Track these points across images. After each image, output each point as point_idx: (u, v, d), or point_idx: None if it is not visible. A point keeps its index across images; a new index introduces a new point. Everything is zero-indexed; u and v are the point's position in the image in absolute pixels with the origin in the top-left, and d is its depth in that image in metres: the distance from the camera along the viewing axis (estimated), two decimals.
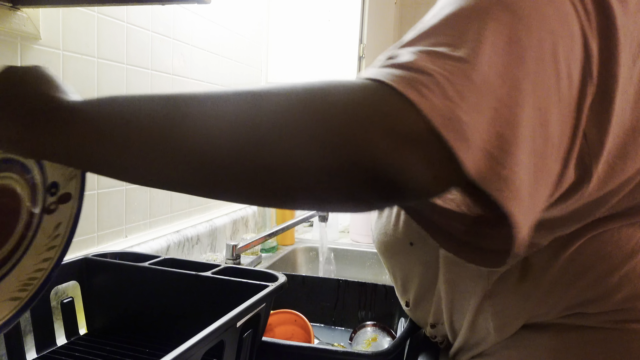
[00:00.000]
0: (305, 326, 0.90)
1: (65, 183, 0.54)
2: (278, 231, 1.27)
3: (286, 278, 0.72)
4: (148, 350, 0.73)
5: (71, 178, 0.54)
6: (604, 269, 0.51)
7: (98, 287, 0.78)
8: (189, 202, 1.28)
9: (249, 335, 0.64)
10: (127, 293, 0.77)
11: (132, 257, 0.82)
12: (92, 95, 0.41)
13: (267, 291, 0.66)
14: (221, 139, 0.35)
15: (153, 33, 1.09)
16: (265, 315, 0.68)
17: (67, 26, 0.86)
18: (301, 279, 1.13)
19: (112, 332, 0.78)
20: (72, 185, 0.55)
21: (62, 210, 0.55)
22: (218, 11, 1.37)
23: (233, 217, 1.45)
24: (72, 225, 0.57)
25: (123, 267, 0.78)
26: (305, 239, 1.68)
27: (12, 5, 0.75)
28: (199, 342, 0.50)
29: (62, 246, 0.56)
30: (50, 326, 0.73)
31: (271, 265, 1.38)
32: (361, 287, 1.10)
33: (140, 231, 1.10)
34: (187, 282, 0.73)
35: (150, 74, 1.09)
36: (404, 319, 1.00)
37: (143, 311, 0.77)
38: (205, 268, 0.75)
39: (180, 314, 0.73)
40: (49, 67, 0.45)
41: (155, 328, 0.75)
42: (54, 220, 0.55)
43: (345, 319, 1.11)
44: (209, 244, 1.30)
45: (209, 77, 1.34)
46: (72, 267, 0.76)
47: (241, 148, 0.34)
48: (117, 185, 1.01)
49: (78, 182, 0.55)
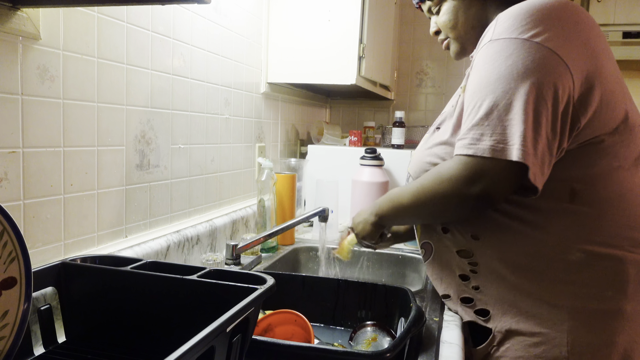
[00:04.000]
0: (305, 326, 0.90)
1: (4, 266, 0.50)
2: (278, 231, 1.27)
3: (274, 280, 0.70)
4: (131, 358, 0.71)
5: (12, 260, 0.51)
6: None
7: (77, 293, 0.75)
8: (189, 202, 1.28)
9: (238, 340, 0.63)
10: (108, 299, 0.74)
11: (113, 261, 0.79)
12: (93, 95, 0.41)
13: (256, 294, 0.64)
14: (419, 209, 0.94)
15: (153, 33, 1.09)
16: (253, 319, 0.66)
17: (67, 26, 0.86)
18: (301, 279, 1.13)
19: (92, 339, 0.75)
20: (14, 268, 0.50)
21: (7, 296, 0.51)
22: (218, 11, 1.37)
23: (233, 217, 1.45)
24: (23, 313, 0.51)
25: (103, 271, 0.75)
26: (305, 239, 1.68)
27: (12, 5, 0.75)
28: (191, 349, 0.49)
29: (12, 338, 0.51)
30: (28, 335, 0.70)
31: (271, 265, 1.38)
32: (361, 287, 1.10)
33: (140, 231, 1.10)
34: (171, 286, 0.70)
35: (150, 74, 1.09)
36: (404, 319, 1.00)
37: (125, 318, 0.73)
38: (191, 271, 0.73)
39: (165, 320, 0.71)
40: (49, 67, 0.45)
41: (139, 335, 0.72)
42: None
43: (345, 319, 1.10)
44: (208, 244, 1.30)
45: (209, 77, 1.34)
46: (49, 273, 0.73)
47: (426, 211, 0.95)
48: (116, 186, 1.01)
49: (21, 264, 0.51)
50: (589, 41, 0.85)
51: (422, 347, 0.88)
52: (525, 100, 0.79)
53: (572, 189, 0.86)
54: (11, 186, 0.78)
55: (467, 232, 0.94)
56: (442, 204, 0.88)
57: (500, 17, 0.86)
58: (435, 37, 1.11)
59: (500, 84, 0.81)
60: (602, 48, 0.87)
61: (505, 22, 0.84)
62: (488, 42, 0.85)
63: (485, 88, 0.82)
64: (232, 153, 1.51)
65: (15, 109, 0.78)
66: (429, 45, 2.59)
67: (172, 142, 1.19)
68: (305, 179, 1.86)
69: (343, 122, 2.70)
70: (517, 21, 0.83)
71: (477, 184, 0.80)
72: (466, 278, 0.96)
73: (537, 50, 0.80)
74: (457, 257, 0.96)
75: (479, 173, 0.80)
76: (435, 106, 2.62)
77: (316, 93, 2.37)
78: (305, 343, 0.83)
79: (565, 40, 0.82)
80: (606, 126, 0.85)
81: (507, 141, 0.78)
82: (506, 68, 0.81)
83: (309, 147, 2.00)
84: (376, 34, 1.89)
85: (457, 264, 0.96)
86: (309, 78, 1.76)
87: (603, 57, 0.86)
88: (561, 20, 0.84)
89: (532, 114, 0.79)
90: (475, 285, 0.95)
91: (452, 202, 0.86)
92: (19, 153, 0.79)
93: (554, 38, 0.81)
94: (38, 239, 0.84)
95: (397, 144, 2.04)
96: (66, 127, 0.88)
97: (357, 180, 1.77)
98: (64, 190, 0.88)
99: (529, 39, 0.81)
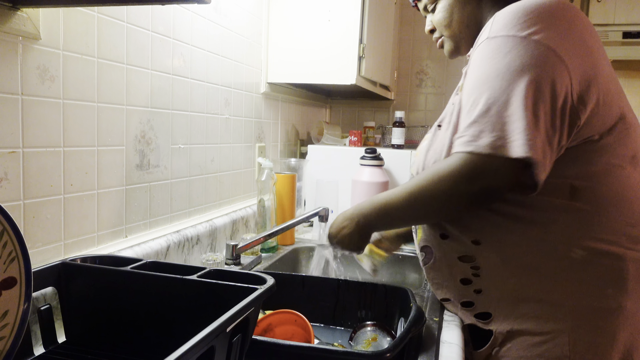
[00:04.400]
0: (305, 326, 0.90)
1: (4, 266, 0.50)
2: (278, 231, 1.27)
3: (274, 280, 0.70)
4: (131, 358, 0.71)
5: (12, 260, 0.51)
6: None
7: (77, 293, 0.75)
8: (189, 202, 1.28)
9: (238, 340, 0.63)
10: (108, 299, 0.74)
11: (113, 261, 0.79)
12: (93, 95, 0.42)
13: (256, 294, 0.64)
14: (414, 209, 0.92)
15: (153, 33, 1.09)
16: (253, 319, 0.66)
17: (67, 26, 0.86)
18: (301, 279, 1.13)
19: (92, 340, 0.75)
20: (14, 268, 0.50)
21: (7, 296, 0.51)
22: (218, 11, 1.37)
23: (233, 217, 1.45)
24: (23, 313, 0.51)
25: (103, 271, 0.75)
26: (305, 239, 1.68)
27: (12, 5, 0.75)
28: (191, 349, 0.49)
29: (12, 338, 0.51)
30: (27, 335, 0.70)
31: (271, 265, 1.38)
32: (361, 287, 1.10)
33: (140, 231, 1.10)
34: (171, 286, 0.70)
35: (150, 74, 1.09)
36: (404, 319, 1.00)
37: (125, 318, 0.73)
38: (191, 271, 0.72)
39: (165, 320, 0.71)
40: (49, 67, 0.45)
41: (139, 335, 0.72)
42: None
43: (345, 319, 1.10)
44: (209, 244, 1.30)
45: (209, 77, 1.34)
46: (49, 273, 0.73)
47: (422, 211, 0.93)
48: (116, 186, 1.01)
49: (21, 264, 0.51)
50: (585, 40, 0.85)
51: (422, 347, 0.88)
52: (524, 96, 0.79)
53: (572, 186, 0.86)
54: (11, 186, 0.78)
55: (467, 238, 0.93)
56: (440, 202, 0.87)
57: (498, 15, 0.87)
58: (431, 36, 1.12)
59: (498, 81, 0.81)
60: (598, 47, 0.88)
61: (502, 20, 0.85)
62: (485, 40, 0.85)
63: (483, 85, 0.82)
64: (232, 153, 1.51)
65: (15, 109, 0.78)
66: (429, 45, 2.59)
67: (172, 142, 1.19)
68: (305, 179, 1.86)
69: (343, 122, 2.70)
70: (514, 19, 0.83)
71: (477, 181, 0.81)
72: (468, 282, 0.95)
73: (535, 47, 0.80)
74: (459, 263, 0.96)
75: (478, 170, 0.80)
76: (435, 106, 2.62)
77: (316, 93, 2.37)
78: (305, 343, 0.83)
79: (563, 38, 0.82)
80: (604, 125, 0.85)
81: (507, 137, 0.78)
82: (504, 65, 0.81)
83: (309, 147, 2.00)
84: (376, 34, 1.89)
85: (460, 269, 0.96)
86: (309, 78, 1.76)
87: (599, 55, 0.87)
88: (558, 19, 0.84)
89: (531, 110, 0.78)
90: (478, 289, 0.94)
91: (452, 200, 0.86)
92: (19, 153, 0.79)
93: (551, 36, 0.81)
94: (38, 239, 0.84)
95: (397, 144, 2.04)
96: (66, 127, 0.88)
97: (357, 180, 1.77)
98: (64, 190, 0.88)
99: (526, 36, 0.81)
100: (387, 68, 2.19)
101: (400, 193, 0.92)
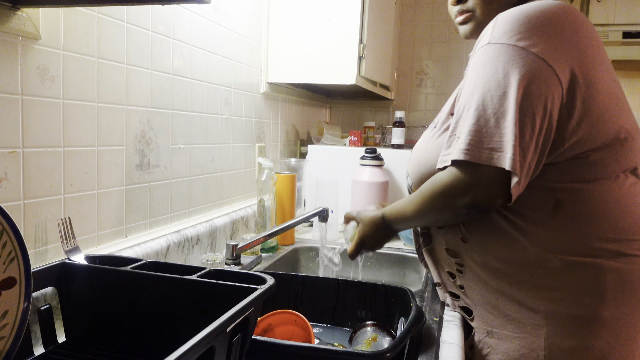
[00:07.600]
0: (305, 326, 0.90)
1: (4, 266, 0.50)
2: (278, 231, 1.27)
3: (274, 280, 0.70)
4: (131, 358, 0.71)
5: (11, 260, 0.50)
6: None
7: (77, 293, 0.75)
8: (189, 202, 1.28)
9: (238, 340, 0.63)
10: (108, 299, 0.74)
11: (113, 261, 0.79)
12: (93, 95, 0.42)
13: (256, 294, 0.64)
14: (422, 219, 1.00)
15: (153, 33, 1.09)
16: (253, 319, 0.66)
17: (67, 26, 0.86)
18: (301, 279, 1.13)
19: (92, 339, 0.75)
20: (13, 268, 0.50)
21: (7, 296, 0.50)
22: (218, 11, 1.37)
23: (233, 217, 1.45)
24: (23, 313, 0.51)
25: (103, 271, 0.74)
26: (305, 239, 1.68)
27: (12, 5, 0.75)
28: (191, 349, 0.49)
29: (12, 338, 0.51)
30: (27, 335, 0.70)
31: (271, 265, 1.38)
32: (361, 287, 1.10)
33: (140, 231, 1.10)
34: (171, 286, 0.70)
35: (150, 74, 1.09)
36: (404, 319, 1.00)
37: (125, 317, 0.73)
38: (191, 271, 0.72)
39: (165, 320, 0.70)
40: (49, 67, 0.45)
41: (139, 335, 0.72)
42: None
43: (345, 319, 1.10)
44: (209, 244, 1.30)
45: (209, 77, 1.34)
46: (49, 273, 0.73)
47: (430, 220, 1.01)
48: (116, 186, 1.01)
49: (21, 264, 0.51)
50: (586, 53, 0.85)
51: (422, 347, 0.88)
52: (518, 110, 0.80)
53: (556, 199, 0.87)
54: (11, 186, 0.78)
55: (458, 234, 0.96)
56: (440, 216, 0.94)
57: (500, 18, 0.86)
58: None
59: (496, 92, 0.82)
60: (601, 60, 0.88)
61: (504, 25, 0.84)
62: (486, 45, 0.85)
63: (481, 94, 0.83)
64: (232, 153, 1.51)
65: (15, 109, 0.78)
66: (429, 45, 2.59)
67: (172, 142, 1.19)
68: (305, 179, 1.86)
69: (343, 122, 2.70)
70: (515, 26, 0.83)
71: (468, 194, 0.83)
72: (453, 276, 0.99)
73: (533, 61, 0.81)
74: (446, 255, 1.00)
75: (470, 182, 0.83)
76: (435, 106, 2.62)
77: (316, 93, 2.37)
78: (305, 343, 0.83)
79: (562, 53, 0.83)
80: (595, 142, 0.86)
81: (502, 149, 0.80)
82: (503, 76, 0.82)
83: (309, 147, 2.00)
84: (376, 34, 1.89)
85: (447, 262, 1.00)
86: (309, 78, 1.76)
87: (600, 69, 0.87)
88: (559, 31, 0.84)
89: (522, 124, 0.80)
90: (460, 285, 0.98)
91: (449, 215, 0.92)
92: (19, 153, 0.79)
93: (550, 50, 0.82)
94: (38, 239, 0.84)
95: (397, 144, 2.04)
96: (66, 127, 0.88)
97: (357, 180, 1.77)
98: (64, 190, 0.88)
99: (525, 47, 0.82)
100: (387, 68, 2.19)
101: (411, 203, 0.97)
